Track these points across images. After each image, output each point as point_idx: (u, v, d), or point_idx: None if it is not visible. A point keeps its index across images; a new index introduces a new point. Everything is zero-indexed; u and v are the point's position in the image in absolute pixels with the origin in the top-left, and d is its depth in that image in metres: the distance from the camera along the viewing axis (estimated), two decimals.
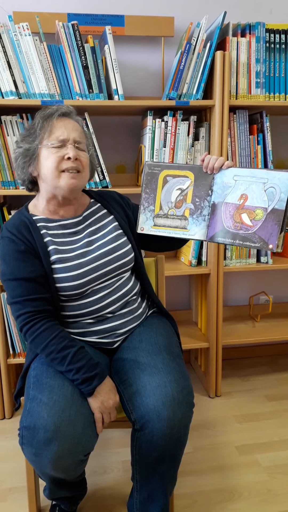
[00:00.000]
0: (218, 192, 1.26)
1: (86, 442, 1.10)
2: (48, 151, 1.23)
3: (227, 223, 1.24)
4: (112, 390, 1.20)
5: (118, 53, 1.98)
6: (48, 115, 1.26)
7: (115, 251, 1.29)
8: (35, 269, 1.21)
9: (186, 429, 1.16)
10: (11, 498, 1.51)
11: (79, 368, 1.14)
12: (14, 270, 1.20)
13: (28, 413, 1.10)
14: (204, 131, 1.88)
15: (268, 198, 1.18)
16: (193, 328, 2.21)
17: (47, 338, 1.17)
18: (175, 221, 1.31)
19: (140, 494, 1.23)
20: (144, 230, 1.34)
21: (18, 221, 1.26)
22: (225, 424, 1.88)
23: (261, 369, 2.34)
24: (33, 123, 1.28)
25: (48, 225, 1.28)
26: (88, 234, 1.31)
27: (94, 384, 1.14)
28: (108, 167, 2.10)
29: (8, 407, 1.93)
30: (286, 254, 2.13)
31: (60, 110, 1.27)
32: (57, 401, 1.09)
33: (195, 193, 1.28)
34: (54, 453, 1.05)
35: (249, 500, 1.48)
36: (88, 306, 1.27)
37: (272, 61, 1.86)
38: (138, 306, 1.38)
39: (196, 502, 1.48)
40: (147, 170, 1.31)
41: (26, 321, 1.18)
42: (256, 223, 1.20)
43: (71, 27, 1.66)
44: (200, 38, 1.74)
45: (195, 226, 1.29)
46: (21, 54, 1.66)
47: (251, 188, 1.21)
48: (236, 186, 1.23)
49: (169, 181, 1.30)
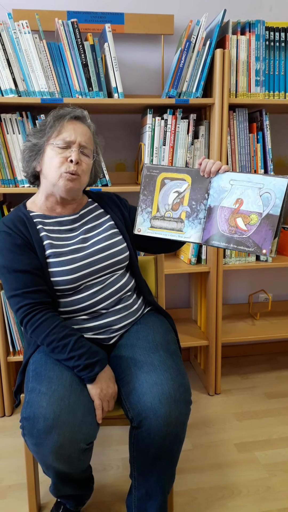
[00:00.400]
0: (214, 196, 1.27)
1: (87, 430, 1.11)
2: (53, 150, 1.25)
3: (222, 227, 1.25)
4: (112, 379, 1.21)
5: (118, 51, 1.98)
6: (61, 115, 1.28)
7: (109, 248, 1.31)
8: (32, 262, 1.23)
9: (183, 427, 1.17)
10: (11, 496, 1.51)
11: (81, 354, 1.16)
12: (12, 263, 1.21)
13: (28, 404, 1.11)
14: (204, 129, 1.88)
15: (263, 203, 1.19)
16: (192, 326, 2.22)
17: (48, 327, 1.18)
18: (171, 224, 1.32)
19: (138, 491, 1.24)
20: (141, 231, 1.35)
21: (15, 217, 1.29)
22: (225, 422, 1.89)
23: (261, 367, 2.34)
24: (45, 120, 1.30)
25: (45, 221, 1.30)
26: (84, 232, 1.32)
27: (96, 370, 1.16)
28: (108, 165, 2.10)
29: (8, 405, 1.94)
30: (285, 253, 2.13)
31: (73, 113, 1.30)
32: (56, 390, 1.11)
33: (192, 196, 1.30)
34: (55, 442, 1.06)
35: (248, 497, 1.49)
36: (81, 301, 1.28)
37: (272, 59, 1.85)
38: (133, 302, 1.39)
39: (196, 499, 1.49)
40: (146, 172, 1.33)
41: (26, 312, 1.20)
42: (251, 228, 1.21)
43: (70, 25, 1.66)
44: (200, 36, 1.74)
45: (191, 229, 1.30)
46: (21, 52, 1.66)
47: (247, 192, 1.22)
48: (232, 191, 1.24)
49: (167, 184, 1.31)
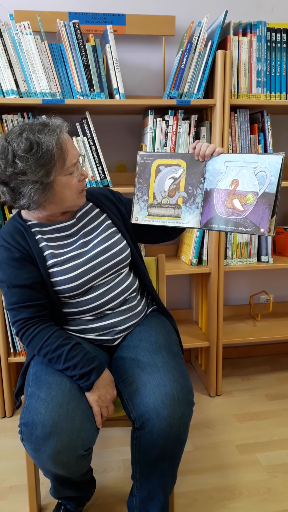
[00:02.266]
0: (210, 179, 1.26)
1: (86, 436, 1.10)
2: (66, 178, 1.18)
3: (219, 210, 1.24)
4: (110, 384, 1.20)
5: (119, 52, 1.98)
6: (57, 139, 1.13)
7: (110, 249, 1.30)
8: (30, 276, 1.21)
9: (185, 428, 1.16)
10: (12, 497, 1.51)
11: (75, 364, 1.15)
12: (10, 278, 1.20)
13: (27, 409, 1.10)
14: (205, 130, 1.88)
15: (259, 182, 1.18)
16: (193, 327, 2.22)
17: (41, 339, 1.18)
18: (168, 210, 1.31)
19: (140, 492, 1.23)
20: (139, 220, 1.33)
21: (12, 228, 1.25)
22: (226, 423, 1.88)
23: (262, 368, 2.34)
24: (45, 152, 1.11)
25: (43, 230, 1.27)
26: (83, 235, 1.31)
27: (92, 379, 1.15)
28: (108, 166, 2.10)
29: (8, 406, 1.94)
30: (286, 253, 2.13)
31: (61, 129, 1.17)
32: (55, 396, 1.10)
33: (188, 181, 1.28)
34: (53, 448, 1.06)
35: (249, 499, 1.49)
36: (88, 303, 1.28)
37: (273, 60, 1.85)
38: (138, 303, 1.38)
39: (197, 501, 1.48)
40: (140, 161, 1.31)
41: (21, 326, 1.21)
42: (248, 208, 1.20)
43: (72, 26, 1.66)
44: (201, 37, 1.74)
45: (188, 214, 1.29)
46: (22, 53, 1.66)
47: (242, 173, 1.20)
48: (227, 172, 1.23)
49: (162, 171, 1.30)
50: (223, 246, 1.93)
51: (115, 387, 1.24)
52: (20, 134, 1.12)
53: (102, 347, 1.35)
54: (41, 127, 1.14)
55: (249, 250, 2.02)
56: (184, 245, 2.10)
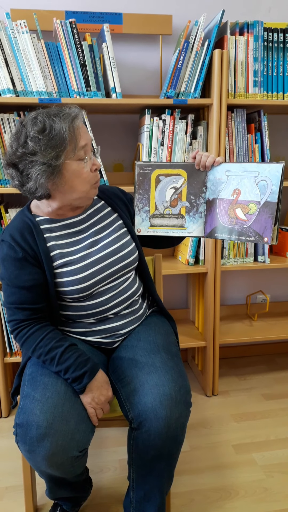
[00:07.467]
0: (211, 189, 1.26)
1: (80, 437, 1.10)
2: (77, 164, 1.14)
3: (222, 219, 1.25)
4: (105, 385, 1.19)
5: (116, 51, 1.97)
6: (72, 120, 1.13)
7: (119, 251, 1.27)
8: (31, 278, 1.19)
9: (183, 428, 1.16)
10: (8, 497, 1.50)
11: (68, 367, 1.14)
12: (11, 277, 1.19)
13: (21, 410, 1.10)
14: (202, 129, 1.88)
15: (260, 192, 1.18)
16: (190, 327, 2.21)
17: (35, 341, 1.18)
18: (172, 220, 1.31)
19: (137, 493, 1.23)
20: (141, 231, 1.32)
21: (21, 224, 1.22)
22: (222, 423, 1.88)
23: (258, 368, 2.34)
24: (56, 132, 1.10)
25: (52, 226, 1.24)
26: (93, 234, 1.28)
27: (84, 382, 1.14)
28: (105, 166, 2.10)
29: (4, 406, 1.93)
30: (283, 253, 2.13)
31: (74, 114, 1.16)
32: (50, 397, 1.10)
33: (190, 191, 1.28)
34: (47, 450, 1.05)
35: (246, 498, 1.49)
36: (93, 307, 1.26)
37: (270, 60, 1.85)
38: (140, 307, 1.37)
39: (193, 501, 1.48)
40: (138, 171, 1.30)
41: (15, 327, 1.20)
42: (250, 217, 1.20)
43: (68, 24, 1.66)
44: (198, 37, 1.74)
45: (192, 223, 1.30)
46: (19, 51, 1.65)
47: (243, 182, 1.21)
48: (228, 182, 1.23)
49: (162, 180, 1.30)
50: (220, 246, 1.92)
51: (112, 386, 1.24)
52: (36, 117, 1.13)
53: (101, 349, 1.34)
54: (57, 112, 1.14)
55: (246, 250, 2.02)
56: (181, 245, 2.10)
